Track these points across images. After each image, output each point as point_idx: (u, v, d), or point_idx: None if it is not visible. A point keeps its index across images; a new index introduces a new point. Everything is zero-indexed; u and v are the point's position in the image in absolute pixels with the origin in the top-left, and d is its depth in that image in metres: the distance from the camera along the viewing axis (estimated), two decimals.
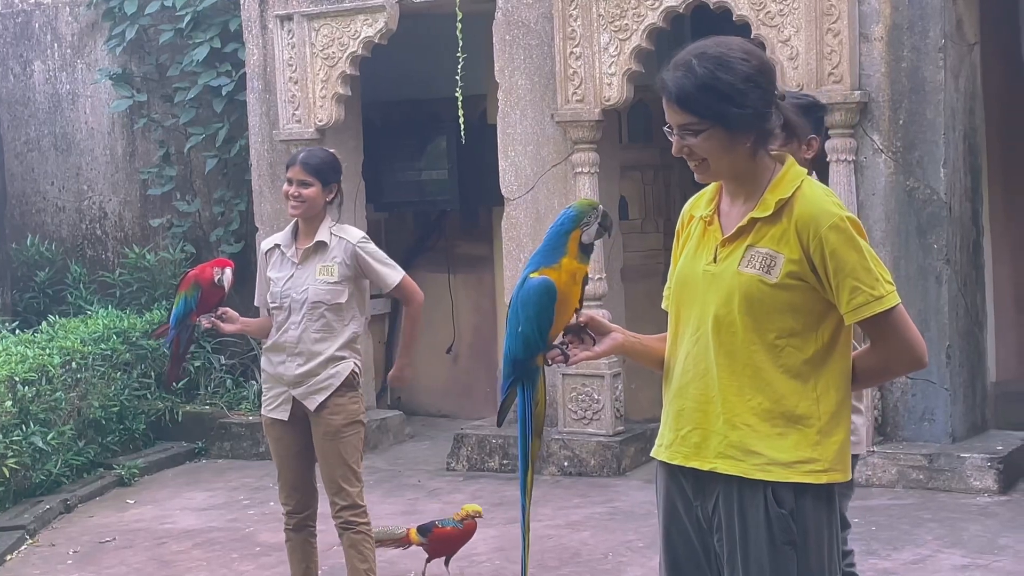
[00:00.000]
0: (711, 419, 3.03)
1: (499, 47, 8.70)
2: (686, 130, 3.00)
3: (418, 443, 9.51)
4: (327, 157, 5.34)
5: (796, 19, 7.63)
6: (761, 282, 2.97)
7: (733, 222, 3.06)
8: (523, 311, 3.15)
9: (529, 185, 8.63)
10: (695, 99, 2.96)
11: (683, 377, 3.09)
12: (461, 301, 10.29)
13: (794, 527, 2.98)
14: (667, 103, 3.01)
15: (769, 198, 3.02)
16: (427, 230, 10.50)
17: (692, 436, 3.07)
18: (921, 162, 7.52)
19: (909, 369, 3.15)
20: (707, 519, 3.08)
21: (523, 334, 3.16)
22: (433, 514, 7.42)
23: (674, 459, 3.10)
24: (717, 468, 3.02)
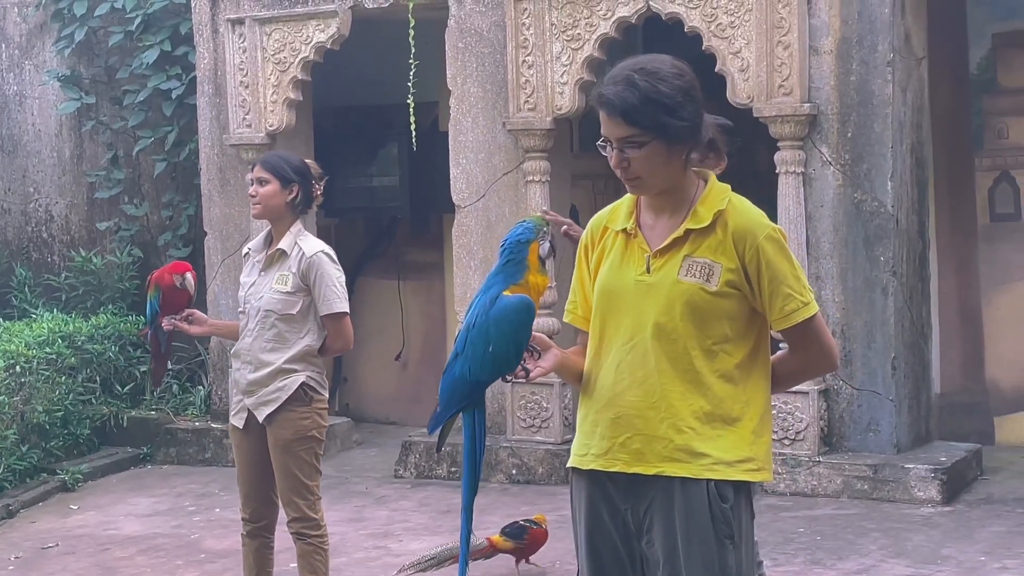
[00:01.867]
0: (653, 424, 3.10)
1: (451, 54, 8.70)
2: (629, 143, 3.07)
3: (366, 450, 9.47)
4: (287, 157, 5.30)
5: (747, 31, 7.68)
6: (702, 290, 3.10)
7: (661, 234, 3.16)
8: (497, 330, 3.10)
9: (480, 193, 8.63)
10: (639, 111, 3.04)
11: (616, 385, 3.14)
12: (411, 308, 10.28)
13: (733, 522, 3.11)
14: (608, 117, 3.07)
15: (702, 210, 3.14)
16: (378, 236, 10.48)
17: (633, 442, 3.12)
18: (869, 175, 7.58)
19: (824, 372, 3.43)
20: (637, 523, 3.14)
21: (495, 354, 3.11)
22: (381, 522, 7.41)
23: (612, 467, 3.13)
24: (664, 472, 3.09)
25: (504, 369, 3.13)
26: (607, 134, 3.11)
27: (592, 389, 3.19)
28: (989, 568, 6.12)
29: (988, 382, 8.71)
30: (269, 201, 5.15)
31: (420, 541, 6.95)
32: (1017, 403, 8.63)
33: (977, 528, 6.80)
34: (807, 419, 7.58)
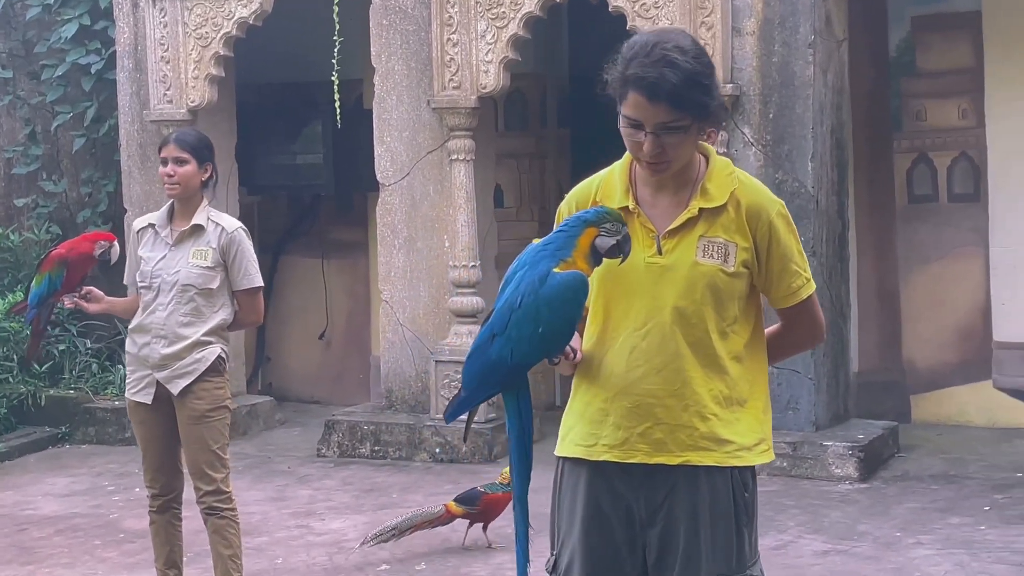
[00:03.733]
0: (675, 413, 2.98)
1: (376, 32, 8.65)
2: (668, 128, 2.89)
3: (289, 429, 9.43)
4: (200, 135, 5.31)
5: (671, 11, 7.71)
6: (722, 271, 2.99)
7: (667, 212, 3.01)
8: (550, 310, 2.87)
9: (405, 171, 8.60)
10: (684, 95, 2.87)
11: (630, 373, 2.98)
12: (334, 287, 10.23)
13: (751, 508, 3.07)
14: (649, 101, 2.87)
15: (711, 188, 3.01)
16: (301, 214, 10.41)
17: (654, 432, 2.98)
18: (790, 155, 7.66)
19: (814, 345, 3.37)
20: (648, 512, 3.02)
21: (545, 336, 2.89)
22: (303, 501, 7.39)
23: (631, 458, 2.99)
24: (690, 461, 2.98)
25: (553, 351, 2.93)
26: (640, 118, 2.89)
27: (598, 376, 3.02)
28: (904, 543, 6.22)
29: (905, 361, 8.85)
30: (189, 181, 5.14)
31: (343, 520, 6.94)
32: (933, 382, 8.78)
33: (893, 504, 6.91)
34: None
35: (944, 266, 8.74)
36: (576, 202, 3.12)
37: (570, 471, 3.08)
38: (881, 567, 5.89)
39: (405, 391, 8.64)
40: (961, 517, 6.61)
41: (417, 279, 8.61)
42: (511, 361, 2.91)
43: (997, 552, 6.01)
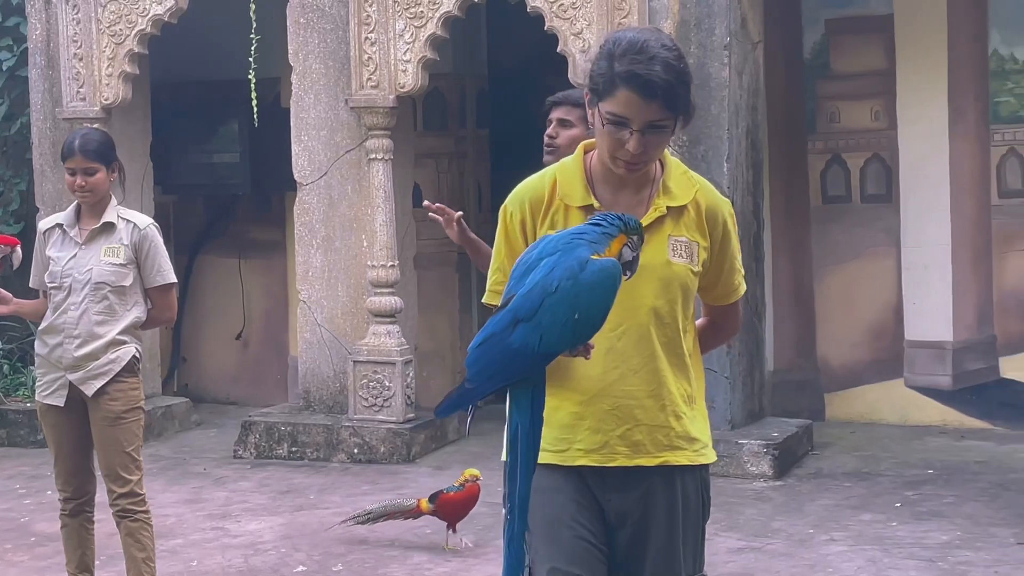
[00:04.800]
0: (653, 413, 2.96)
1: (293, 30, 8.59)
2: (656, 127, 2.85)
3: (205, 430, 9.34)
4: (103, 138, 5.21)
5: (588, 12, 7.74)
6: (690, 270, 3.00)
7: (630, 211, 2.93)
8: (590, 297, 2.71)
9: (322, 170, 8.55)
10: (677, 95, 2.85)
11: (607, 375, 2.94)
12: (252, 287, 10.15)
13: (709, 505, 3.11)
14: (644, 99, 2.81)
15: (672, 186, 2.99)
16: (218, 214, 10.32)
17: (633, 434, 2.95)
18: (706, 156, 7.72)
19: (731, 339, 3.49)
20: (619, 514, 2.98)
21: (579, 324, 2.73)
22: (219, 503, 7.32)
23: (611, 461, 2.95)
24: (668, 461, 2.98)
25: (581, 340, 2.77)
26: (629, 116, 2.83)
27: (567, 378, 2.93)
28: (817, 540, 6.30)
29: (819, 360, 8.96)
30: (100, 187, 5.10)
31: (259, 521, 6.89)
32: (846, 380, 8.90)
33: (807, 502, 6.99)
34: None
35: (857, 266, 8.86)
36: (530, 202, 3.01)
37: (538, 479, 2.93)
38: (794, 564, 5.96)
39: (323, 391, 8.59)
40: (873, 514, 6.71)
41: (335, 279, 8.56)
42: (538, 350, 2.72)
43: (908, 548, 6.10)
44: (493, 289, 3.05)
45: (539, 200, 3.01)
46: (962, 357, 8.65)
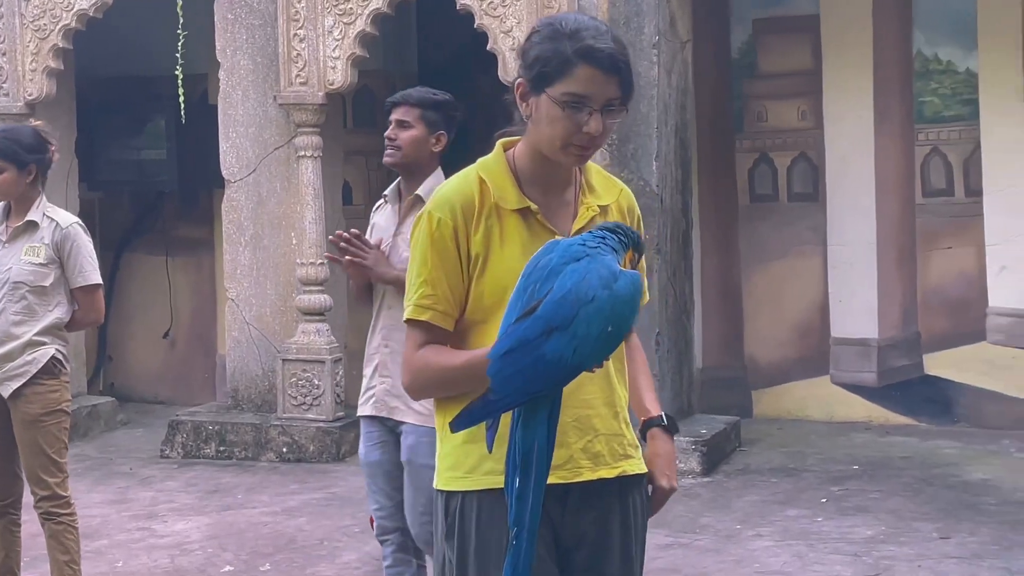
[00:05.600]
0: (608, 422, 2.81)
1: (221, 26, 8.52)
2: (613, 108, 2.74)
3: (131, 430, 9.24)
4: (15, 136, 5.09)
5: (518, 10, 7.75)
6: None
7: (560, 212, 2.83)
8: (625, 309, 2.55)
9: (251, 167, 8.49)
10: (629, 73, 2.75)
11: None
12: (179, 285, 10.07)
13: None
14: (604, 74, 2.69)
15: (596, 184, 2.89)
16: (144, 211, 10.22)
17: (593, 445, 2.78)
18: (635, 154, 7.76)
19: None
20: (577, 534, 2.78)
21: (611, 337, 2.55)
22: (145, 503, 7.24)
23: (577, 476, 2.75)
24: (625, 471, 2.82)
25: (606, 356, 2.59)
26: (591, 93, 2.70)
27: None
28: (744, 535, 6.35)
29: (747, 357, 9.04)
30: (9, 189, 5.01)
31: (186, 522, 6.83)
32: (773, 377, 8.99)
33: (734, 498, 7.05)
34: None
35: (784, 264, 8.95)
36: (461, 208, 2.77)
37: (491, 505, 2.71)
38: (722, 559, 6.00)
39: (251, 390, 8.53)
40: (799, 509, 6.78)
41: (264, 277, 8.51)
42: (572, 362, 2.53)
43: (833, 543, 6.17)
44: (420, 304, 2.76)
45: (470, 205, 2.78)
46: (887, 354, 8.76)
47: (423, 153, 4.65)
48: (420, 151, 4.64)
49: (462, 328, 2.79)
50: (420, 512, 4.44)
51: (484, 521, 2.74)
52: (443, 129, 4.68)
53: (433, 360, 2.75)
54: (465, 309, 2.78)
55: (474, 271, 2.76)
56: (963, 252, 8.62)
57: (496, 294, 2.73)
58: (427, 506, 4.35)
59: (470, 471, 2.76)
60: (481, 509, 2.74)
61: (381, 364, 4.56)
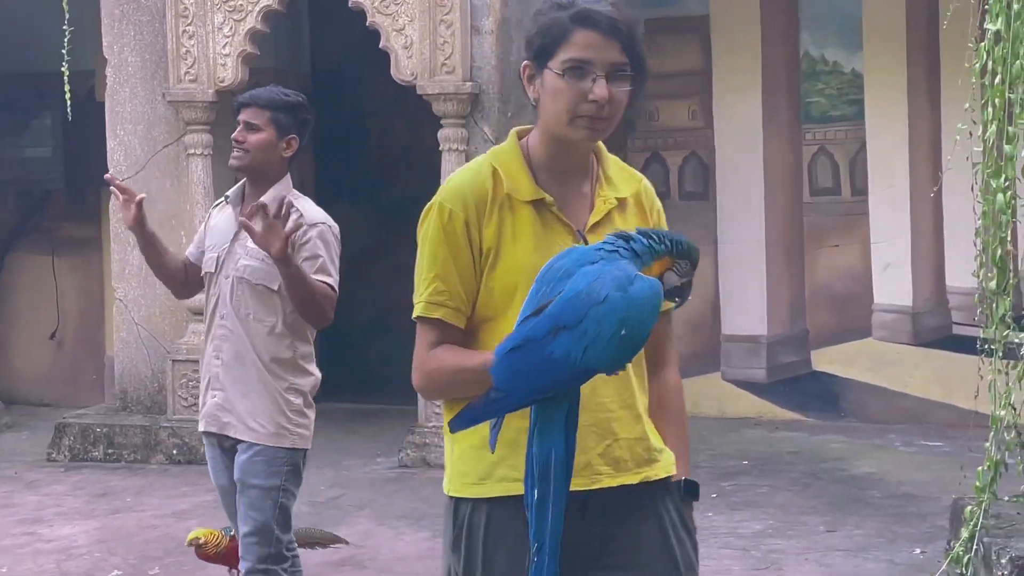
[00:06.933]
0: (629, 425, 2.67)
1: (108, 22, 8.39)
2: (621, 75, 2.60)
3: (17, 433, 9.07)
4: None
5: (410, 9, 7.73)
6: None
7: (577, 204, 2.70)
8: (639, 313, 2.42)
9: (140, 165, 8.37)
10: (633, 38, 2.62)
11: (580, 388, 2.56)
12: (66, 285, 9.89)
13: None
14: (603, 37, 2.58)
15: (614, 177, 2.75)
16: (29, 210, 10.03)
17: (613, 450, 2.65)
18: None
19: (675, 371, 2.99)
20: (601, 543, 2.65)
21: (625, 341, 2.42)
22: (31, 507, 7.11)
23: (596, 483, 2.61)
24: (649, 476, 2.68)
25: (623, 361, 2.47)
26: (592, 57, 2.57)
27: None
28: None
29: None
30: None
31: (73, 526, 6.71)
32: None
33: None
34: None
35: None
36: (474, 199, 2.64)
37: (501, 514, 2.58)
38: None
39: (141, 392, 8.41)
40: None
41: (153, 277, 8.20)
42: (580, 363, 2.41)
43: (723, 538, 6.25)
44: (431, 301, 2.63)
45: (482, 196, 2.64)
46: (776, 350, 8.89)
47: (272, 158, 4.33)
48: (269, 156, 4.33)
49: (472, 325, 2.65)
50: (247, 534, 4.24)
51: (494, 532, 2.61)
52: (294, 133, 4.36)
53: (448, 361, 2.61)
54: (475, 305, 2.64)
55: (485, 265, 2.62)
56: (849, 250, 8.79)
57: (507, 290, 2.61)
58: (256, 530, 4.21)
59: (482, 478, 2.62)
60: (491, 519, 2.61)
61: (213, 377, 4.32)
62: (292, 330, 4.29)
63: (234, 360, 4.28)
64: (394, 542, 6.32)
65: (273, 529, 4.23)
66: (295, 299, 4.17)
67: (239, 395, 4.26)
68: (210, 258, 4.39)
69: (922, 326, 8.72)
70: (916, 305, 8.73)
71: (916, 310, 8.73)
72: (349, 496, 7.16)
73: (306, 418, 4.33)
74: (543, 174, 2.68)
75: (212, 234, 4.44)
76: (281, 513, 4.25)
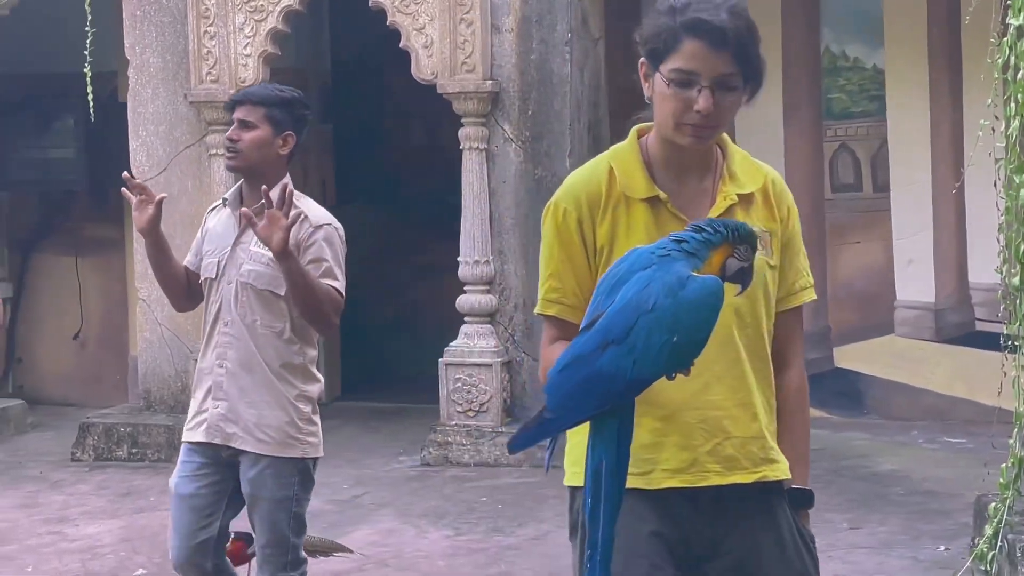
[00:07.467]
0: (744, 424, 2.64)
1: (130, 23, 8.42)
2: (726, 84, 2.58)
3: (41, 433, 9.11)
4: None
5: (431, 8, 7.74)
6: (768, 265, 2.70)
7: (695, 201, 2.68)
8: (691, 318, 2.38)
9: (162, 166, 8.40)
10: (748, 47, 2.59)
11: (690, 384, 2.55)
12: (90, 285, 9.93)
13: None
14: (712, 49, 2.56)
15: (738, 172, 2.72)
16: (53, 211, 10.07)
17: (724, 448, 2.62)
18: (549, 151, 7.78)
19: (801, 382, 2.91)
20: (712, 543, 2.64)
21: (679, 347, 2.39)
22: (56, 507, 7.14)
23: (703, 481, 2.61)
24: (766, 476, 2.66)
25: (680, 366, 2.42)
26: (698, 69, 2.56)
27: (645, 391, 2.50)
28: None
29: None
30: None
31: (97, 525, 6.74)
32: None
33: None
34: (491, 391, 7.73)
35: None
36: (587, 198, 2.67)
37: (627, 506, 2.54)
38: None
39: (164, 391, 8.44)
40: None
41: None
42: (631, 375, 2.39)
43: None
44: (547, 298, 2.69)
45: (596, 195, 2.67)
46: None
47: (268, 156, 4.17)
48: (265, 154, 4.16)
49: None
50: (263, 545, 4.17)
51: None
52: (290, 129, 4.20)
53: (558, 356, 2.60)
54: None
55: (600, 263, 2.64)
56: (871, 246, 8.77)
57: None
58: (271, 541, 4.13)
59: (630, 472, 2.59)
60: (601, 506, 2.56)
61: (215, 386, 4.15)
62: (300, 335, 4.14)
63: (240, 368, 4.12)
64: (417, 540, 6.33)
65: (289, 538, 4.16)
66: (298, 302, 4.02)
67: (245, 404, 4.10)
68: (210, 263, 4.23)
69: (945, 322, 8.69)
70: (939, 301, 8.70)
71: (939, 306, 8.70)
72: (371, 495, 7.18)
73: (315, 425, 4.19)
74: (660, 171, 2.69)
75: (210, 239, 4.28)
76: (295, 520, 4.17)
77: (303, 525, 4.23)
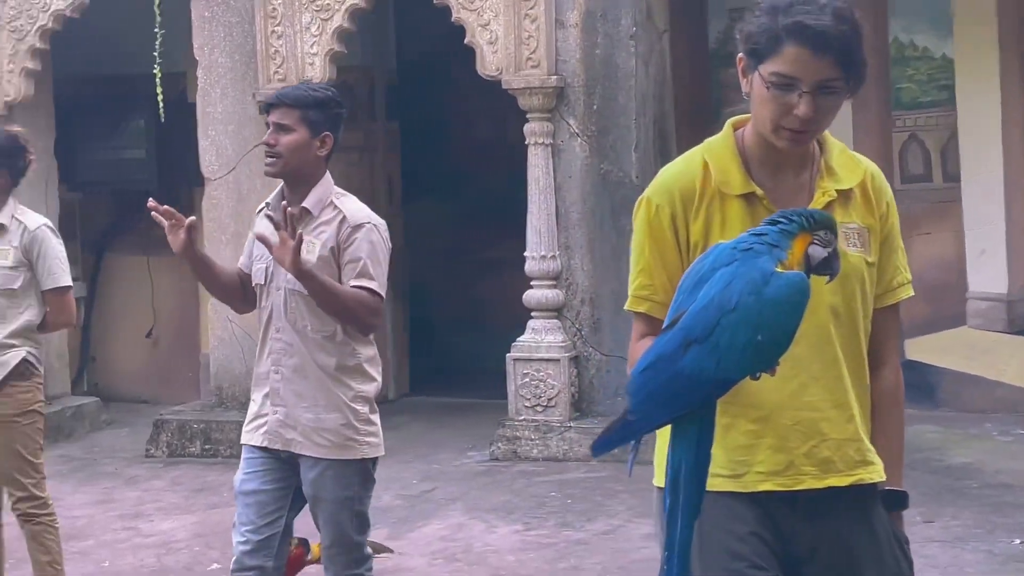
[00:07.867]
0: (840, 426, 2.60)
1: (198, 24, 8.52)
2: (828, 88, 2.52)
3: (116, 430, 9.24)
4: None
5: (495, 4, 7.76)
6: (866, 262, 2.64)
7: (792, 197, 2.62)
8: (775, 315, 2.32)
9: (230, 165, 8.49)
10: (853, 52, 2.52)
11: (786, 385, 2.52)
12: (161, 284, 10.04)
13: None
14: (815, 54, 2.49)
15: (836, 167, 2.66)
16: (124, 211, 10.19)
17: (820, 451, 2.58)
18: (615, 146, 7.77)
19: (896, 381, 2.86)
20: (809, 547, 2.60)
21: (763, 345, 2.33)
22: (131, 503, 7.25)
23: (799, 484, 2.58)
24: (862, 479, 2.61)
25: (765, 365, 2.36)
26: (799, 75, 2.49)
27: (739, 391, 2.45)
28: None
29: None
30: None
31: (172, 521, 6.83)
32: None
33: None
34: (559, 386, 7.74)
35: None
36: (680, 193, 2.63)
37: (710, 509, 2.49)
38: None
39: (236, 388, 8.52)
40: None
41: None
42: (714, 375, 2.33)
43: None
44: (637, 295, 2.66)
45: (690, 190, 2.62)
46: None
47: (308, 158, 4.10)
48: (303, 157, 4.09)
49: None
50: (327, 546, 4.18)
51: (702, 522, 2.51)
52: (328, 130, 4.13)
53: None
54: None
55: (694, 259, 2.54)
56: (942, 237, 8.66)
57: None
58: (336, 541, 4.14)
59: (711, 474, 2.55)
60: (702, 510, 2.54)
61: (272, 392, 4.14)
62: (353, 336, 4.11)
63: (295, 374, 4.11)
64: (486, 535, 6.35)
65: (352, 537, 4.17)
66: (330, 313, 4.01)
67: (302, 409, 4.09)
68: (259, 269, 4.19)
69: (1017, 314, 8.57)
70: (1011, 292, 8.58)
71: (1011, 298, 8.58)
72: (441, 490, 7.21)
73: (374, 425, 4.16)
74: (756, 166, 2.64)
75: (259, 244, 4.21)
76: (358, 519, 4.18)
77: (366, 523, 4.24)
